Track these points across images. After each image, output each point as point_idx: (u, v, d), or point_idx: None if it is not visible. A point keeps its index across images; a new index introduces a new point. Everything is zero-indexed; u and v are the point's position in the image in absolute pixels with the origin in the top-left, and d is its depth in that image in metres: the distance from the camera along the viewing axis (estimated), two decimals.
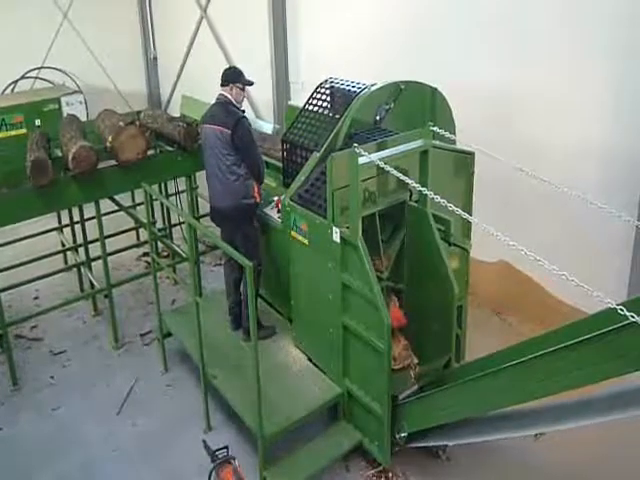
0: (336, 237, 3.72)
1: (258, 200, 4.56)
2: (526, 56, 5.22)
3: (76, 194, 5.10)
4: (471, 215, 4.04)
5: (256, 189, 4.53)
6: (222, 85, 4.58)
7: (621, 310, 2.10)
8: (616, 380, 2.40)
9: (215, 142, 4.45)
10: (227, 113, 4.45)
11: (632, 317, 2.09)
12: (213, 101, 4.66)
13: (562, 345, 2.44)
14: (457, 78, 5.24)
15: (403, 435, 3.70)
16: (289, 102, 7.49)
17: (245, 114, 4.59)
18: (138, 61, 11.58)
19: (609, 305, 2.24)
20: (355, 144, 3.46)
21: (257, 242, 4.64)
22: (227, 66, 4.82)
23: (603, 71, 4.76)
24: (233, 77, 4.55)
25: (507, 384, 2.82)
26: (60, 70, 10.26)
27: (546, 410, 3.06)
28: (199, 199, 6.66)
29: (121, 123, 5.26)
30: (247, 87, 4.66)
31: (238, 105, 4.56)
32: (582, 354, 2.38)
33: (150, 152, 5.66)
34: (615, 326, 2.22)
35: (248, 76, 4.66)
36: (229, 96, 4.54)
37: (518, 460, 4.08)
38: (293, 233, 4.20)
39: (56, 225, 6.81)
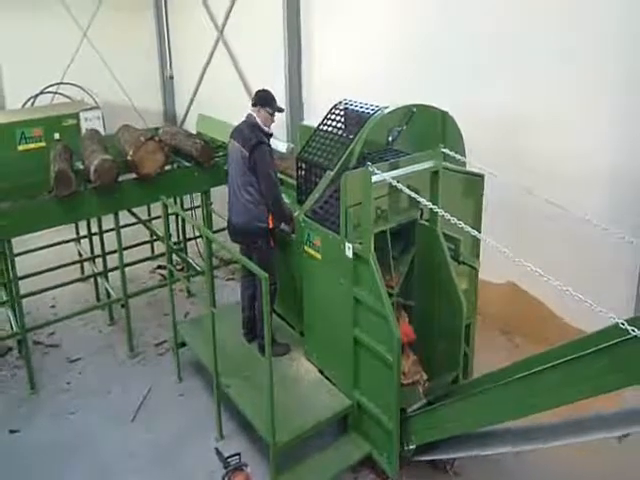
0: (349, 252, 3.86)
1: (271, 226, 4.59)
2: (535, 81, 5.38)
3: (97, 205, 5.29)
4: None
5: (270, 215, 4.57)
6: (252, 105, 4.66)
7: (622, 324, 2.22)
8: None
9: (237, 159, 4.59)
10: (250, 134, 4.51)
11: (633, 331, 2.21)
12: (224, 119, 4.74)
13: (568, 358, 2.56)
14: (466, 101, 5.39)
15: (411, 447, 3.80)
16: (303, 121, 7.69)
17: (270, 138, 4.62)
18: (155, 79, 11.88)
19: (612, 320, 2.36)
20: (369, 163, 3.62)
21: (272, 261, 4.67)
22: (261, 88, 4.79)
23: (611, 93, 4.91)
24: (262, 100, 4.60)
25: (514, 396, 2.93)
26: (78, 86, 10.54)
27: (552, 425, 3.17)
28: (213, 215, 6.83)
29: (142, 138, 5.45)
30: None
31: (265, 128, 4.59)
32: (586, 367, 2.50)
33: (167, 167, 5.84)
34: (617, 340, 2.34)
35: None
36: (257, 118, 4.59)
37: (527, 476, 4.15)
38: (307, 248, 4.34)
39: (73, 236, 6.99)
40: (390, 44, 6.75)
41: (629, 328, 2.25)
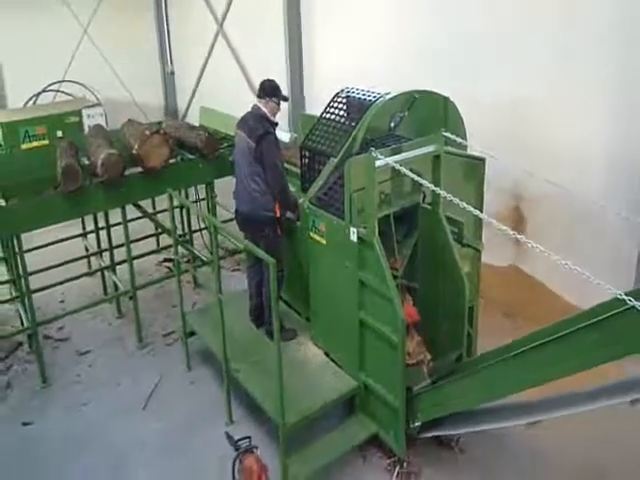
0: (353, 237, 3.94)
1: (278, 215, 4.66)
2: (533, 68, 5.46)
3: (104, 199, 5.35)
4: (481, 220, 4.27)
5: (277, 204, 4.64)
6: (258, 96, 4.72)
7: (619, 295, 2.29)
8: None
9: (244, 149, 4.66)
10: (256, 125, 4.57)
11: (630, 301, 2.28)
12: (228, 112, 4.77)
13: (567, 331, 2.64)
14: (467, 88, 5.46)
15: (417, 424, 3.89)
16: (304, 112, 7.76)
17: (276, 128, 4.68)
18: (155, 75, 11.96)
19: (611, 292, 2.44)
20: (372, 148, 3.69)
21: (279, 248, 4.74)
22: (266, 78, 4.85)
23: (606, 79, 4.99)
24: (270, 91, 4.66)
25: (516, 371, 3.02)
26: (80, 84, 10.62)
27: (547, 399, 3.27)
28: (217, 207, 6.90)
29: (146, 132, 5.51)
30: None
31: (271, 118, 4.66)
32: (586, 338, 2.58)
33: (172, 160, 5.90)
34: (615, 311, 2.42)
35: None
36: (263, 109, 4.66)
37: (530, 451, 4.24)
38: (312, 234, 4.42)
39: (78, 232, 7.06)
40: (390, 36, 6.83)
41: (626, 298, 2.32)
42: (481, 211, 4.46)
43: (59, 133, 8.43)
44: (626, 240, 4.96)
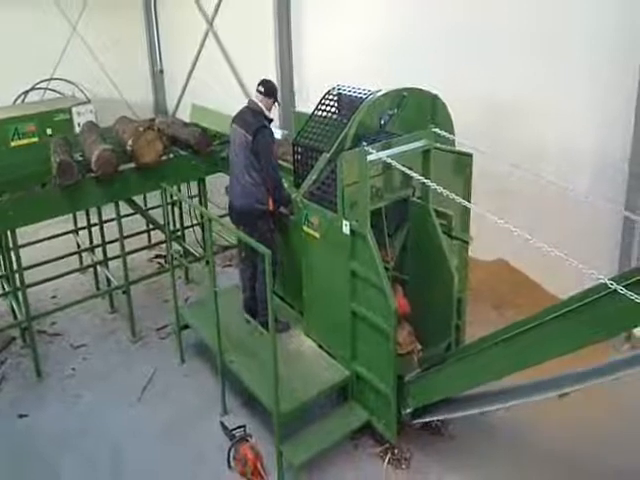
0: (346, 229, 4.05)
1: (272, 208, 4.77)
2: (520, 66, 5.62)
3: (98, 195, 5.41)
4: (469, 213, 4.41)
5: (270, 198, 4.74)
6: (258, 92, 4.83)
7: (601, 278, 2.43)
8: None
9: (241, 143, 4.76)
10: (253, 119, 4.70)
11: (612, 285, 2.41)
12: (218, 109, 4.85)
13: (553, 315, 2.77)
14: (455, 87, 5.59)
15: (408, 411, 4.02)
16: (295, 109, 7.86)
17: (271, 123, 4.80)
18: (145, 73, 11.98)
19: (594, 277, 2.57)
20: (364, 143, 3.80)
21: (273, 242, 4.82)
22: (265, 78, 4.98)
23: (591, 77, 5.16)
24: (270, 91, 4.81)
25: (504, 355, 3.15)
26: (69, 81, 10.61)
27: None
28: (209, 204, 6.97)
29: (140, 128, 5.58)
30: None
31: (267, 115, 4.79)
32: (570, 321, 2.71)
33: (164, 157, 5.96)
34: (598, 295, 2.56)
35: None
36: (261, 105, 4.79)
37: (518, 437, 4.38)
38: (305, 228, 4.52)
39: (71, 228, 7.09)
40: (379, 35, 6.93)
41: (608, 282, 2.46)
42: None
43: (49, 131, 8.43)
44: (610, 233, 5.15)
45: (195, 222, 7.13)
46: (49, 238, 6.95)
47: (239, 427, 4.41)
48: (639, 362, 2.99)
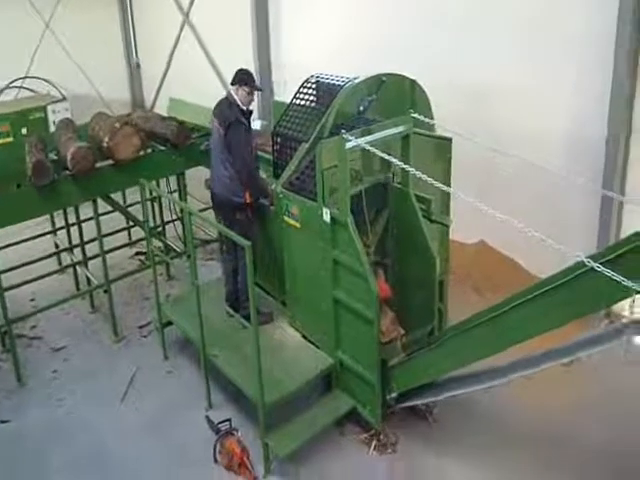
0: (326, 217, 4.03)
1: (248, 200, 4.73)
2: (499, 51, 5.64)
3: (75, 193, 5.30)
4: (449, 197, 4.42)
5: (246, 191, 4.70)
6: (231, 84, 4.78)
7: (578, 256, 2.44)
8: None
9: (216, 136, 4.74)
10: (227, 112, 4.65)
11: (589, 262, 2.42)
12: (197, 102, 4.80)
13: (533, 294, 2.78)
14: (435, 72, 5.60)
15: (393, 396, 4.03)
16: (274, 98, 7.81)
17: (249, 116, 4.74)
18: (121, 68, 11.79)
19: (573, 256, 2.58)
20: (343, 130, 3.77)
21: (252, 232, 4.80)
22: (241, 68, 4.87)
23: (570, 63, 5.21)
24: (239, 78, 4.71)
25: (487, 336, 3.16)
26: (44, 80, 10.41)
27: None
28: (189, 197, 6.90)
29: (117, 124, 5.50)
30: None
31: (243, 107, 4.70)
32: (550, 300, 2.72)
33: (141, 153, 5.87)
34: (576, 273, 2.57)
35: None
36: (235, 95, 4.72)
37: (500, 421, 4.43)
38: (286, 218, 4.49)
39: (49, 229, 6.93)
40: (358, 23, 6.90)
41: (585, 260, 2.46)
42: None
43: (24, 130, 8.32)
44: (589, 212, 5.23)
45: (175, 217, 7.05)
46: (27, 240, 6.79)
47: (224, 421, 4.38)
48: (604, 340, 3.00)
